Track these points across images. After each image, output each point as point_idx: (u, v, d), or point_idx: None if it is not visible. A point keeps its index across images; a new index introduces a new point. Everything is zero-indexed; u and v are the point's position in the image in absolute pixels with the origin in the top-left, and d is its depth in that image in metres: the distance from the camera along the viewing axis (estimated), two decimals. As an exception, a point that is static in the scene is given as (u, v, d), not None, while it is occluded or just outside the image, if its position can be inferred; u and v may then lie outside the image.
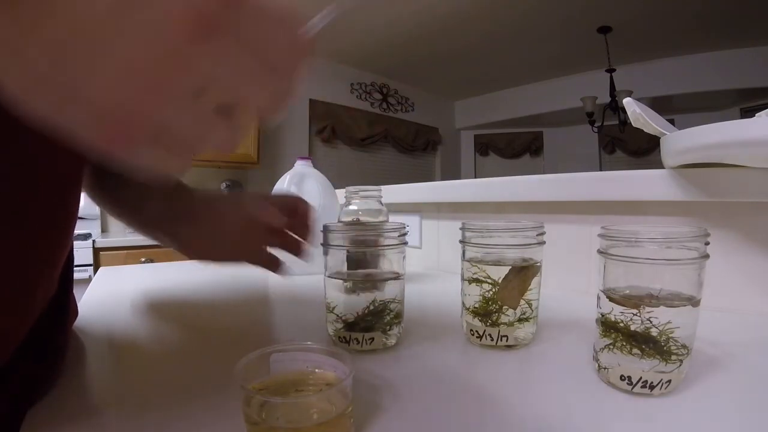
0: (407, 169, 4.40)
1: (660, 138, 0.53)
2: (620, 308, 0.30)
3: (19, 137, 0.22)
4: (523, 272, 0.38)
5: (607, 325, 0.31)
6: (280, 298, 0.69)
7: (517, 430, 0.26)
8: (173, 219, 0.41)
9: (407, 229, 0.41)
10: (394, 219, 0.64)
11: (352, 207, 0.63)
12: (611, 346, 0.31)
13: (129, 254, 2.09)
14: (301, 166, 0.88)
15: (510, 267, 0.38)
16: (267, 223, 0.40)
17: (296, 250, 0.43)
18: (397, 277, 0.40)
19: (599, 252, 0.32)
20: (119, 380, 0.34)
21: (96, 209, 2.46)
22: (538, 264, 0.39)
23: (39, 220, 0.27)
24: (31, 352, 0.29)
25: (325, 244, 0.40)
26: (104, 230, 2.53)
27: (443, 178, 3.23)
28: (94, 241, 1.99)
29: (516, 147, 4.88)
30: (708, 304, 0.32)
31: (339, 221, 0.63)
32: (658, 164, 0.57)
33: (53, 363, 0.33)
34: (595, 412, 0.28)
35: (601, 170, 3.31)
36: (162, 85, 0.14)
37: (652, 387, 0.28)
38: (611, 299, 0.31)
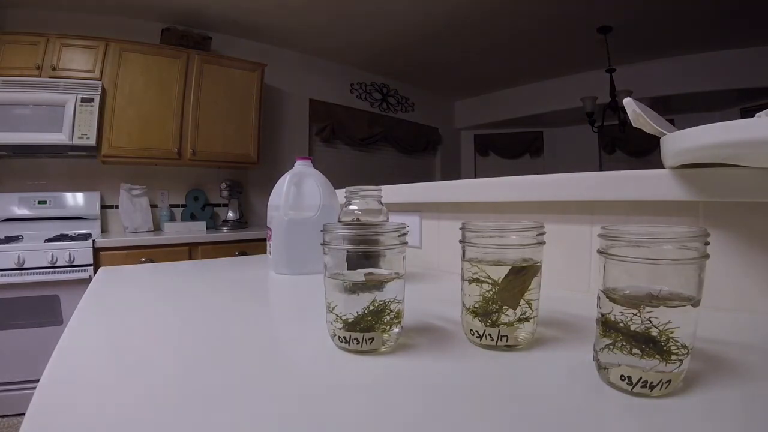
0: (407, 169, 4.39)
1: (660, 138, 0.53)
2: (620, 308, 0.30)
3: None
4: (523, 272, 0.38)
5: (607, 325, 0.31)
6: (280, 298, 0.69)
7: (517, 430, 0.26)
8: None
9: (407, 229, 0.41)
10: (394, 219, 0.65)
11: (352, 207, 0.63)
12: (611, 346, 0.31)
13: (129, 254, 2.09)
14: (301, 166, 0.88)
15: (510, 267, 0.38)
16: None
17: None
18: (397, 277, 0.40)
19: (599, 252, 0.32)
20: (119, 380, 0.34)
21: (96, 209, 2.46)
22: (538, 264, 0.39)
23: None
24: None
25: (325, 244, 0.40)
26: (104, 230, 2.53)
27: (443, 178, 3.23)
28: (94, 241, 1.99)
29: (516, 147, 4.88)
30: (708, 304, 0.32)
31: (339, 221, 0.63)
32: (658, 164, 0.57)
33: None
34: (595, 412, 0.28)
35: (601, 170, 3.30)
36: None
37: (652, 387, 0.28)
38: (611, 299, 0.31)
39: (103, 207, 2.55)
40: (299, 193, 0.85)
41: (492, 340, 0.39)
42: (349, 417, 0.28)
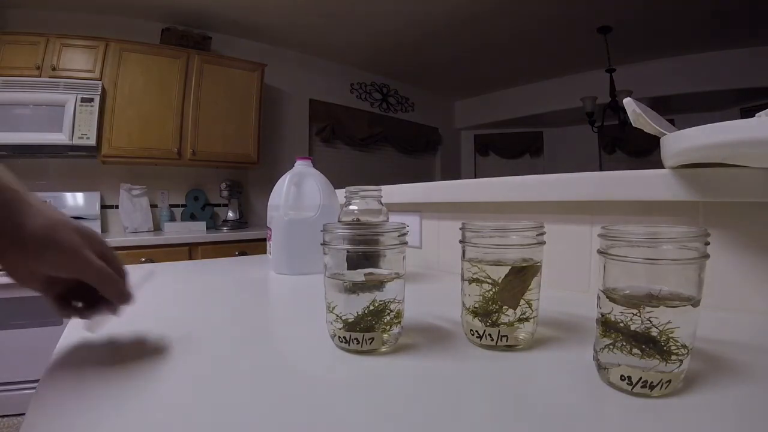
0: (407, 169, 4.40)
1: (660, 138, 0.53)
2: (620, 308, 0.30)
3: None
4: (523, 272, 0.38)
5: (607, 325, 0.31)
6: (280, 298, 0.69)
7: (516, 430, 0.26)
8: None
9: (407, 229, 0.41)
10: (394, 219, 0.64)
11: (352, 207, 0.63)
12: (611, 346, 0.31)
13: (129, 254, 2.09)
14: (301, 166, 0.88)
15: (510, 267, 0.38)
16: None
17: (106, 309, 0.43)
18: (397, 277, 0.40)
19: (599, 252, 0.32)
20: (118, 379, 0.34)
21: (96, 209, 2.46)
22: (538, 264, 0.39)
23: None
24: None
25: (325, 244, 0.40)
26: (104, 230, 2.53)
27: (443, 178, 3.23)
28: (94, 241, 1.99)
29: (516, 147, 4.88)
30: (708, 304, 0.32)
31: (339, 221, 0.62)
32: (658, 164, 0.57)
33: None
34: (595, 413, 0.28)
35: (601, 170, 3.30)
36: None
37: (652, 387, 0.28)
38: (611, 299, 0.31)
39: (103, 207, 2.55)
40: (299, 193, 0.85)
41: (492, 340, 0.39)
42: (349, 417, 0.28)
